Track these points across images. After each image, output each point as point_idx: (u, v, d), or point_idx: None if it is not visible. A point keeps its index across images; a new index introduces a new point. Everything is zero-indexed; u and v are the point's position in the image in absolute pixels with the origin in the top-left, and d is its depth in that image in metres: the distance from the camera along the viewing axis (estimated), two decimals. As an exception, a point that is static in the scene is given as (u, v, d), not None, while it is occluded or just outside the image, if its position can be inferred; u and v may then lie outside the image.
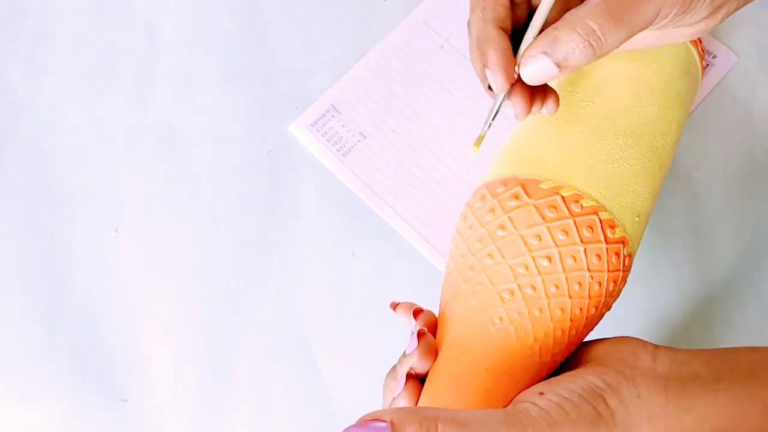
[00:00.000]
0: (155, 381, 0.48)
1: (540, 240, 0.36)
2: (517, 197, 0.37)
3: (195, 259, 0.50)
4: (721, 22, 0.37)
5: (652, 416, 0.31)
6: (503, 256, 0.36)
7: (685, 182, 0.51)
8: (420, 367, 0.35)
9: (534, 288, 0.35)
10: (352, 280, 0.50)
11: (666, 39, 0.39)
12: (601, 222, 0.36)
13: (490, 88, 0.37)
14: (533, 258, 0.35)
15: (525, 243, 0.36)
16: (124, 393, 0.48)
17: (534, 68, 0.35)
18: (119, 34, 0.55)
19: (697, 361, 0.33)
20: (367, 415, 0.30)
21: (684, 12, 0.35)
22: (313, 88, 0.54)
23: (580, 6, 0.34)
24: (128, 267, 0.50)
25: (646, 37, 0.38)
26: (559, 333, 0.36)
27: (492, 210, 0.37)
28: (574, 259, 0.36)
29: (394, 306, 0.39)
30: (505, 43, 0.35)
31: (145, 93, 0.54)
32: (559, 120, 0.39)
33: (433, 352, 0.36)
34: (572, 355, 0.37)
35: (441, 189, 0.51)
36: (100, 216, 0.51)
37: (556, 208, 0.36)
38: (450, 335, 0.36)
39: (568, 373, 0.34)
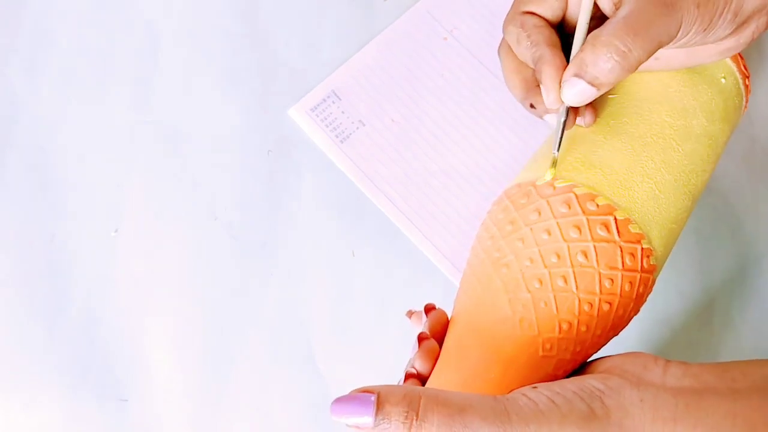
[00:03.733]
0: (155, 381, 0.48)
1: (611, 284, 0.35)
2: (607, 229, 0.36)
3: (195, 259, 0.50)
4: (751, 41, 0.37)
5: (657, 420, 0.30)
6: (577, 286, 0.35)
7: (685, 182, 0.51)
8: (420, 368, 0.35)
9: (587, 327, 0.35)
10: (352, 280, 0.50)
11: (696, 57, 0.39)
12: (653, 281, 0.37)
13: (532, 105, 0.39)
14: (599, 300, 0.35)
15: (600, 282, 0.35)
16: (124, 393, 0.48)
17: (571, 92, 0.36)
18: (119, 34, 0.55)
19: (710, 374, 0.32)
20: (358, 388, 0.30)
21: (705, 29, 0.35)
22: (313, 88, 0.54)
23: (603, 26, 0.35)
24: (128, 267, 0.50)
25: (677, 56, 0.39)
26: (581, 360, 0.37)
27: (578, 227, 0.36)
28: (625, 309, 0.36)
29: (410, 314, 0.39)
30: (560, 60, 0.37)
31: (145, 93, 0.54)
32: (654, 151, 0.38)
33: (433, 356, 0.36)
34: (580, 370, 0.37)
35: (437, 181, 0.51)
36: (100, 216, 0.51)
37: (634, 256, 0.36)
38: (491, 339, 0.35)
39: (570, 378, 0.33)
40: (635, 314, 0.38)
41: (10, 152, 0.52)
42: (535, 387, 0.31)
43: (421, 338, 0.36)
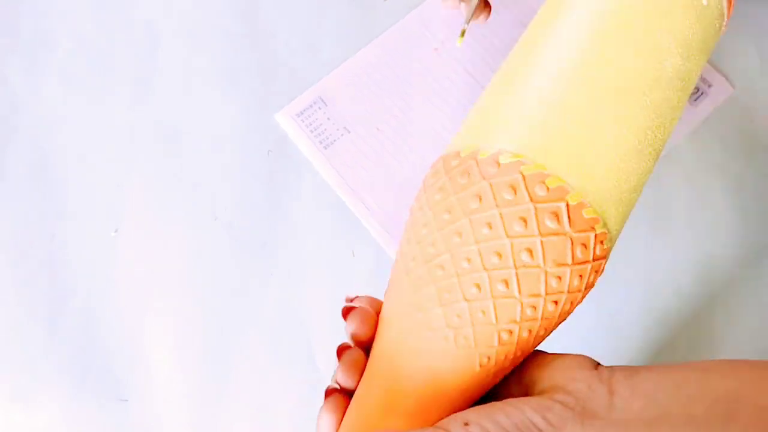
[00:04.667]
0: (155, 381, 0.48)
1: (559, 282, 0.31)
2: (557, 219, 0.30)
3: (195, 259, 0.50)
4: None
5: None
6: (519, 290, 0.31)
7: (686, 182, 0.51)
8: (343, 381, 0.33)
9: (529, 332, 0.31)
10: (352, 280, 0.50)
11: None
12: (605, 263, 0.33)
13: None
14: (544, 301, 0.31)
15: (546, 282, 0.31)
16: (124, 393, 0.48)
17: None
18: (119, 34, 0.55)
19: (663, 392, 0.29)
20: None
21: None
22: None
23: None
24: (128, 267, 0.50)
25: None
26: (522, 359, 0.34)
27: (523, 220, 0.31)
28: (572, 303, 0.32)
29: (348, 300, 0.36)
30: None
31: (145, 93, 0.54)
32: (618, 108, 0.32)
33: (358, 368, 0.33)
34: (517, 370, 0.33)
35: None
36: (100, 216, 0.51)
37: (586, 247, 0.31)
38: (422, 351, 0.32)
39: (504, 402, 0.30)
40: (581, 302, 0.33)
41: (10, 152, 0.52)
42: (466, 424, 0.28)
43: (340, 349, 0.33)
